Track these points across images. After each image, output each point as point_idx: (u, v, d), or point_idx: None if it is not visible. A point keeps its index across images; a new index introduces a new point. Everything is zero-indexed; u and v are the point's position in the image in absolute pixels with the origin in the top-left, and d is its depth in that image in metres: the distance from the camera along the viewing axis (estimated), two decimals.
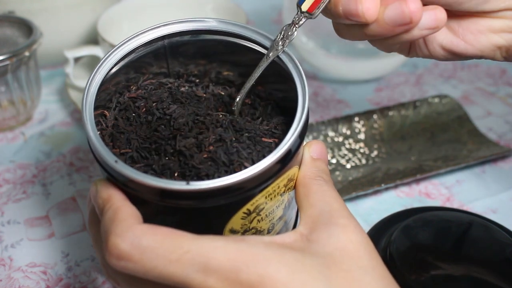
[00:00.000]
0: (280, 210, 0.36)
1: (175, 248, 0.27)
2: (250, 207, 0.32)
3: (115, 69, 0.39)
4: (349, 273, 0.28)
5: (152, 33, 0.39)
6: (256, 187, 0.31)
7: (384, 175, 0.53)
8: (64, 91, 0.67)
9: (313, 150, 0.35)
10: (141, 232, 0.28)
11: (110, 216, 0.29)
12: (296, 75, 0.36)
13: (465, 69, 0.72)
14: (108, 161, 0.31)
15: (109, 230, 0.28)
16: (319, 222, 0.31)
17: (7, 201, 0.51)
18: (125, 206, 0.30)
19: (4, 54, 0.55)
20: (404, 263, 0.40)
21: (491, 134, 0.60)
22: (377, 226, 0.45)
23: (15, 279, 0.44)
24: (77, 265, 0.45)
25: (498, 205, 0.51)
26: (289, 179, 0.34)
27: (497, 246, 0.42)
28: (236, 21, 0.40)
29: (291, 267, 0.28)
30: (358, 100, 0.66)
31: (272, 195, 0.33)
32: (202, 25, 0.39)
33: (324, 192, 0.32)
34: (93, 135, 0.33)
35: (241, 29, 0.39)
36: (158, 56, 0.40)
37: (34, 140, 0.60)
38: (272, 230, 0.36)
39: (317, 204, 0.32)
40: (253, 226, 0.34)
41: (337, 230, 0.30)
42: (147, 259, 0.27)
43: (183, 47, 0.40)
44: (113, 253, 0.28)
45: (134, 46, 0.38)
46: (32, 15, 0.63)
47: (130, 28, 0.65)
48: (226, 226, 0.33)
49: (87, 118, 0.35)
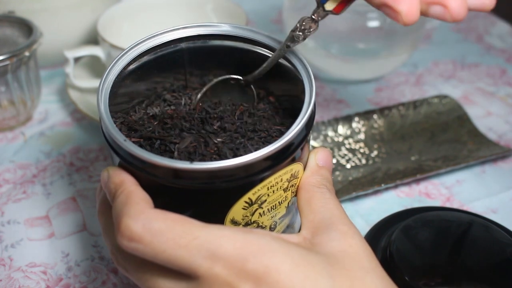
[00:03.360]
0: (283, 208, 0.36)
1: (184, 233, 0.28)
2: (252, 196, 0.33)
3: (134, 65, 0.40)
4: (351, 272, 0.29)
5: (170, 35, 0.40)
6: (258, 173, 0.32)
7: (384, 175, 0.53)
8: (64, 91, 0.67)
9: (319, 157, 0.36)
10: (153, 216, 0.29)
11: (123, 200, 0.30)
12: (303, 71, 0.37)
13: (465, 69, 0.72)
14: (118, 139, 0.32)
15: (122, 212, 0.29)
16: (320, 227, 0.32)
17: (7, 201, 0.51)
18: (137, 190, 0.31)
19: (4, 54, 0.55)
20: (404, 263, 0.40)
21: (491, 134, 0.60)
22: (377, 226, 0.45)
23: (15, 279, 0.44)
24: (77, 265, 0.45)
25: (498, 205, 0.51)
26: (292, 174, 0.34)
27: (497, 246, 0.42)
28: (239, 23, 0.41)
29: (296, 260, 0.29)
30: (358, 100, 0.66)
31: (274, 187, 0.34)
32: (216, 29, 0.41)
33: (326, 200, 0.34)
34: (105, 114, 0.34)
35: (256, 35, 0.41)
36: (176, 62, 0.41)
37: (34, 140, 0.60)
38: (274, 229, 0.37)
39: (319, 210, 0.33)
40: (254, 219, 0.35)
41: (338, 235, 0.31)
42: (157, 242, 0.28)
43: (201, 54, 0.41)
44: (125, 234, 0.28)
45: (152, 45, 0.40)
46: (32, 15, 0.63)
47: (130, 28, 0.65)
48: (228, 215, 0.33)
49: (102, 100, 0.35)
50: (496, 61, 0.74)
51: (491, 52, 0.76)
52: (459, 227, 0.44)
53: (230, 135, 0.38)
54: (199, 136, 0.37)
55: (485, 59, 0.75)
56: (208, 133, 0.38)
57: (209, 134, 0.38)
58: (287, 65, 0.39)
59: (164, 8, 0.67)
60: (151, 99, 0.42)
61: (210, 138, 0.37)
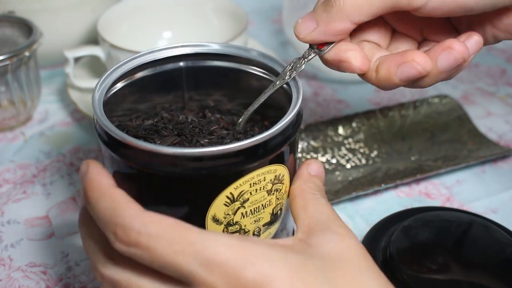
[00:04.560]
0: (267, 214, 0.36)
1: (179, 239, 0.28)
2: (234, 191, 0.33)
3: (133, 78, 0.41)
4: (348, 273, 0.29)
5: (169, 51, 0.41)
6: (239, 164, 0.32)
7: (384, 175, 0.53)
8: (64, 91, 0.67)
9: (312, 168, 0.37)
10: (149, 220, 0.28)
11: (108, 205, 0.29)
12: (293, 88, 0.37)
13: (465, 69, 0.72)
14: (106, 126, 0.32)
15: (115, 217, 0.29)
16: (316, 229, 0.32)
17: (7, 201, 0.51)
18: (120, 191, 0.30)
19: (4, 54, 0.55)
20: (404, 263, 0.40)
21: (491, 134, 0.60)
22: (377, 226, 0.45)
23: (15, 279, 0.44)
24: (77, 265, 0.45)
25: (498, 205, 0.51)
26: (276, 176, 0.35)
27: (497, 246, 0.42)
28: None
29: (295, 267, 0.28)
30: (358, 100, 0.66)
31: (257, 185, 0.34)
32: (206, 49, 0.41)
33: (321, 205, 0.34)
34: (97, 105, 0.35)
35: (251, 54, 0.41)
36: (174, 83, 0.42)
37: (34, 140, 0.60)
38: (258, 235, 0.37)
39: (314, 215, 0.33)
40: (237, 220, 0.35)
41: (334, 237, 0.31)
42: (153, 247, 0.28)
43: (199, 75, 0.42)
44: (123, 240, 0.28)
45: (152, 58, 0.40)
46: (32, 15, 0.63)
47: (130, 28, 0.65)
48: (209, 211, 0.33)
49: (97, 93, 0.36)
50: (496, 61, 0.74)
51: (491, 52, 0.76)
52: (459, 227, 0.44)
53: (216, 136, 0.39)
54: (184, 136, 0.39)
55: (485, 59, 0.74)
56: (194, 134, 0.39)
57: (195, 135, 0.39)
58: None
59: (164, 8, 0.67)
60: (148, 115, 0.43)
61: (195, 137, 0.38)
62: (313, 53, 0.37)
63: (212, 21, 0.67)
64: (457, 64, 0.36)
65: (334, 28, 0.36)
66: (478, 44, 0.36)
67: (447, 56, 0.35)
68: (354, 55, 0.36)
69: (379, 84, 0.37)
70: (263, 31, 0.82)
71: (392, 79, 0.36)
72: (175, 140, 0.38)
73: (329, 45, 0.37)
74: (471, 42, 0.36)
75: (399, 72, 0.36)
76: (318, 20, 0.36)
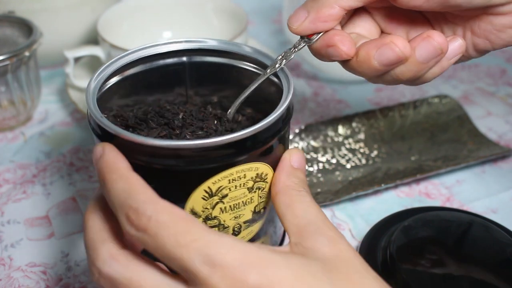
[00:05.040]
0: (248, 212, 0.36)
1: (185, 232, 0.28)
2: (212, 185, 0.33)
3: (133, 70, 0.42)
4: (348, 275, 0.29)
5: (172, 46, 0.42)
6: (218, 159, 0.32)
7: (384, 175, 0.53)
8: (64, 91, 0.67)
9: (294, 159, 0.36)
10: (161, 208, 0.28)
11: (125, 187, 0.29)
12: (281, 73, 0.38)
13: (465, 69, 0.72)
14: (96, 115, 0.33)
15: (130, 200, 0.29)
16: (307, 231, 0.32)
17: (7, 201, 0.51)
18: (137, 176, 0.30)
19: (4, 54, 0.55)
20: (404, 263, 0.40)
21: (491, 134, 0.60)
22: (377, 226, 0.45)
23: (14, 278, 0.44)
24: (77, 265, 0.45)
25: (498, 205, 0.51)
26: (258, 174, 0.35)
27: (497, 246, 0.42)
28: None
29: (298, 271, 0.28)
30: (358, 100, 0.66)
31: (236, 182, 0.34)
32: (202, 45, 0.42)
33: (308, 204, 0.33)
34: (90, 97, 0.36)
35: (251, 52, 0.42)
36: (178, 76, 0.43)
37: (34, 140, 0.60)
38: (238, 233, 0.37)
39: (302, 214, 0.33)
40: (215, 214, 0.35)
41: (326, 241, 0.31)
42: (160, 235, 0.28)
43: (202, 70, 0.43)
44: (134, 222, 0.28)
45: (154, 52, 0.41)
46: (32, 15, 0.63)
47: (130, 28, 0.65)
48: (188, 203, 0.34)
49: (92, 87, 0.37)
50: (496, 61, 0.74)
51: (491, 52, 0.76)
52: (459, 227, 0.44)
53: (205, 132, 0.39)
54: (172, 129, 0.39)
55: (485, 59, 0.74)
56: (183, 127, 0.39)
57: (184, 127, 0.39)
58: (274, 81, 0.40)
59: (164, 8, 0.67)
60: (145, 107, 0.43)
61: (184, 131, 0.38)
62: (303, 42, 0.38)
63: (212, 21, 0.67)
64: (435, 55, 0.36)
65: (323, 14, 0.37)
66: (460, 46, 0.38)
67: (426, 45, 0.36)
68: (341, 39, 0.37)
69: (359, 68, 0.38)
70: (263, 31, 0.82)
71: (371, 61, 0.36)
72: (162, 133, 0.38)
73: (318, 34, 0.38)
74: (454, 43, 0.37)
75: (377, 55, 0.36)
76: (309, 10, 0.37)
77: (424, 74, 0.38)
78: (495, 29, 0.39)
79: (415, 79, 0.38)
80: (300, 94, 0.67)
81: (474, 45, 0.40)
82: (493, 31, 0.39)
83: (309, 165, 0.54)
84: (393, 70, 0.37)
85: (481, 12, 0.38)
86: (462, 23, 0.39)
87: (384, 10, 0.41)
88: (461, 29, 0.40)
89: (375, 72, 0.37)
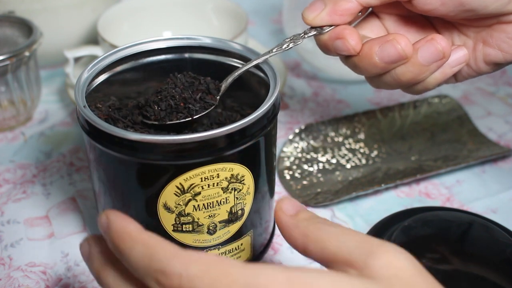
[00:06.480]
0: (224, 212, 0.36)
1: (221, 276, 0.25)
2: (184, 182, 0.34)
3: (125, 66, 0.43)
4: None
5: (174, 41, 0.44)
6: (189, 156, 0.33)
7: (384, 175, 0.53)
8: (64, 91, 0.67)
9: (286, 209, 0.30)
10: (188, 260, 0.26)
11: (144, 251, 0.27)
12: (270, 72, 0.39)
13: None
14: (79, 105, 0.35)
15: (154, 263, 0.26)
16: (357, 254, 0.27)
17: (7, 201, 0.51)
18: (148, 233, 0.28)
19: (4, 54, 0.55)
20: None
21: (491, 134, 0.60)
22: (377, 226, 0.45)
23: (14, 278, 0.44)
24: (76, 265, 0.45)
25: (498, 205, 0.51)
26: (233, 175, 0.35)
27: (497, 246, 0.42)
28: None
29: None
30: (358, 100, 0.66)
31: (209, 181, 0.34)
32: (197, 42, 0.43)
33: (336, 232, 0.28)
34: (80, 86, 0.37)
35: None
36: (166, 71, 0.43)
37: (34, 140, 0.60)
38: (213, 232, 0.37)
39: (337, 243, 0.28)
40: (188, 211, 0.35)
41: (383, 259, 0.27)
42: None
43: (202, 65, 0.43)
44: (165, 285, 0.26)
45: (155, 47, 0.43)
46: (32, 15, 0.63)
47: (130, 28, 0.65)
48: (160, 198, 0.34)
49: (80, 82, 0.38)
50: None
51: None
52: (459, 227, 0.43)
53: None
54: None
55: None
56: (161, 102, 0.39)
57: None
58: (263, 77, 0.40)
59: (164, 8, 0.67)
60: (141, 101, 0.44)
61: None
62: (314, 30, 0.39)
63: (212, 21, 0.67)
64: (437, 58, 0.36)
65: (341, 7, 0.37)
66: (464, 55, 0.38)
67: (429, 47, 0.36)
68: (350, 33, 0.37)
69: (360, 63, 0.38)
70: (263, 31, 0.82)
71: (372, 57, 0.37)
72: (143, 130, 0.39)
73: (331, 26, 0.38)
74: (459, 52, 0.38)
75: (379, 51, 0.36)
76: (326, 2, 0.38)
77: (425, 78, 0.38)
78: (508, 37, 0.38)
79: (416, 82, 0.38)
80: (300, 94, 0.67)
81: (484, 56, 0.39)
82: (505, 39, 0.38)
83: (309, 165, 0.55)
84: (394, 70, 0.37)
85: (495, 22, 0.38)
86: (474, 34, 0.39)
87: (395, 17, 0.41)
88: (472, 41, 0.40)
89: (375, 69, 0.37)
